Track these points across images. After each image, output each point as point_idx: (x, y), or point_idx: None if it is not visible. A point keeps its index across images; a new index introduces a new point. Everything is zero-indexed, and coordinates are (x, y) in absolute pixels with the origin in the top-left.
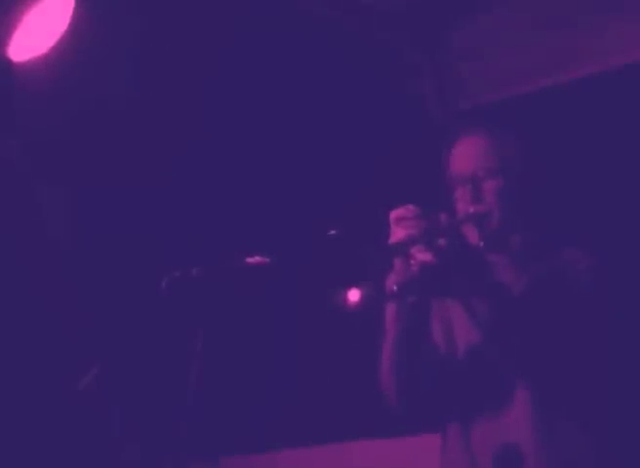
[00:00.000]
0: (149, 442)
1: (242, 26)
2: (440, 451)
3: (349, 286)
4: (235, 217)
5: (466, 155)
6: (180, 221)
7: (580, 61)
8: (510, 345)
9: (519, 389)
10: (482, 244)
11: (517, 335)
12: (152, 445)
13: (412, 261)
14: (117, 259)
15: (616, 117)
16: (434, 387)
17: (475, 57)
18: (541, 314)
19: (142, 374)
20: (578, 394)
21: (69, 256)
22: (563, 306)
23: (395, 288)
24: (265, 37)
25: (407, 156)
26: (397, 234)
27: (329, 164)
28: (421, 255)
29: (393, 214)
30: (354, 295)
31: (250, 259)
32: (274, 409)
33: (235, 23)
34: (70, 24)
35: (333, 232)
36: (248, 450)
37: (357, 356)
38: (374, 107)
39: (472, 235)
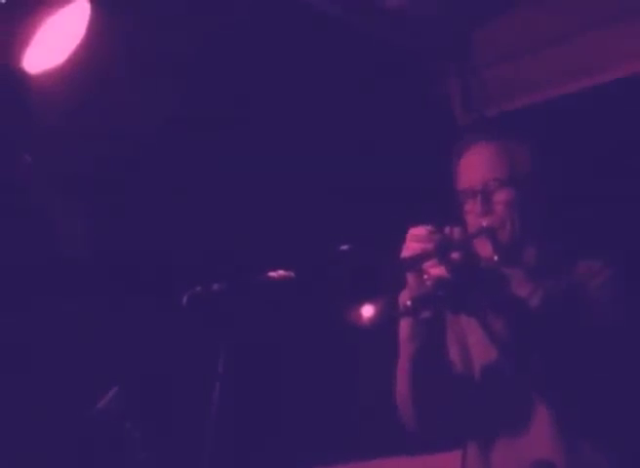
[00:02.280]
0: (169, 463)
1: (269, 39)
2: None
3: (362, 301)
4: (252, 232)
5: (476, 166)
6: (200, 236)
7: (605, 67)
8: (528, 361)
9: (538, 406)
10: (496, 258)
11: (534, 351)
12: (172, 466)
13: (425, 276)
14: (137, 275)
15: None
16: (451, 406)
17: (501, 62)
18: (558, 329)
19: (164, 393)
20: (597, 409)
21: (86, 272)
22: (580, 321)
23: (409, 303)
24: (294, 45)
25: (431, 165)
26: (410, 248)
27: (348, 173)
28: (435, 270)
29: (412, 231)
30: (368, 311)
31: (273, 274)
32: (295, 427)
33: (263, 36)
34: (86, 36)
35: (345, 247)
36: None
37: (373, 373)
38: (399, 115)
39: (486, 249)
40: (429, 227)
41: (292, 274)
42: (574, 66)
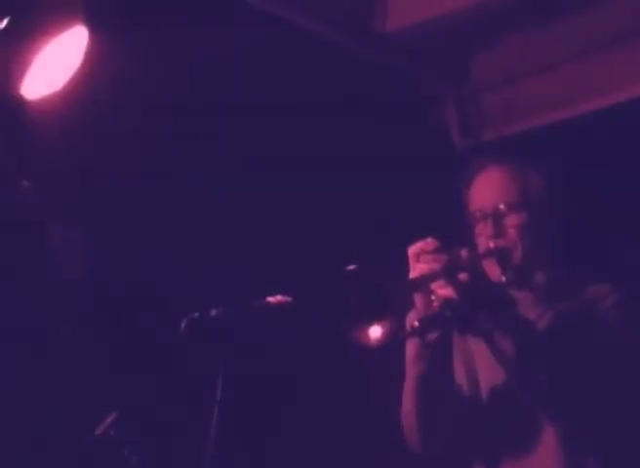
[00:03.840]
0: None
1: (263, 59)
2: None
3: (370, 322)
4: (254, 254)
5: (487, 189)
6: (197, 261)
7: (602, 91)
8: (535, 382)
9: (545, 426)
10: (504, 279)
11: (541, 372)
12: None
13: (432, 297)
14: (134, 302)
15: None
16: (456, 427)
17: (499, 87)
18: (567, 350)
19: (162, 420)
20: (605, 430)
21: (84, 298)
22: (588, 344)
23: (416, 324)
24: (291, 70)
25: (429, 188)
26: (417, 269)
27: (348, 196)
28: (442, 291)
29: (412, 249)
30: (375, 332)
31: (271, 299)
32: (295, 452)
33: (256, 57)
34: (84, 61)
35: (352, 267)
36: None
37: (378, 393)
38: (397, 139)
39: (494, 271)
40: (429, 240)
41: (290, 299)
42: (572, 91)
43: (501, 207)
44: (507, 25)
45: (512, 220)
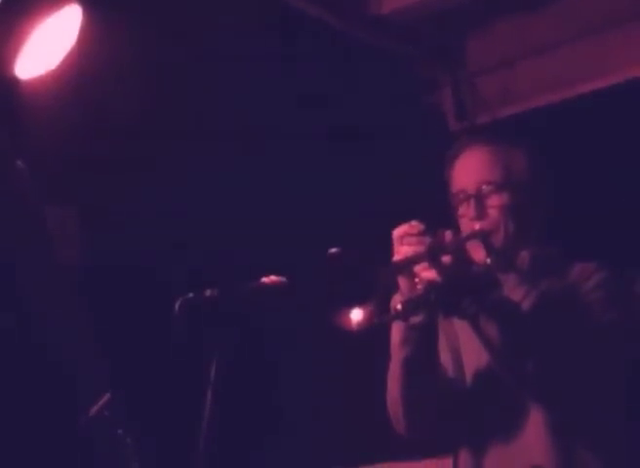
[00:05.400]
0: None
1: (254, 38)
2: None
3: (353, 306)
4: (243, 236)
5: (469, 170)
6: (192, 242)
7: (598, 72)
8: (521, 365)
9: (532, 409)
10: (488, 261)
11: (527, 354)
12: None
13: (416, 280)
14: (129, 280)
15: (633, 129)
16: (442, 411)
17: (494, 69)
18: (552, 331)
19: (156, 401)
20: (592, 412)
21: (80, 276)
22: (574, 322)
23: (400, 307)
24: (284, 52)
25: (424, 171)
26: (401, 252)
27: (340, 178)
28: (426, 273)
29: (396, 232)
30: (357, 315)
31: (265, 279)
32: (286, 434)
33: (250, 38)
34: (77, 41)
35: (334, 250)
36: None
37: (362, 378)
38: (392, 122)
39: (478, 252)
40: (414, 223)
41: (284, 279)
42: (568, 73)
43: (484, 187)
44: (503, 8)
45: (495, 201)
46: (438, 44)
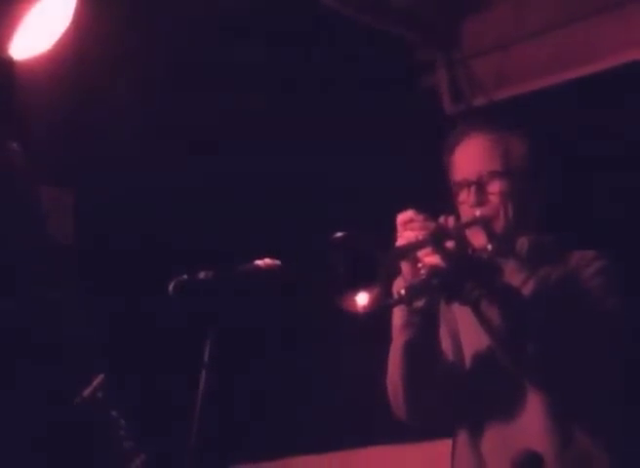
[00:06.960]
0: (156, 453)
1: (261, 27)
2: (451, 457)
3: (357, 290)
4: (242, 219)
5: (470, 157)
6: (189, 224)
7: (593, 56)
8: (520, 349)
9: (530, 394)
10: (490, 247)
11: (527, 339)
12: (158, 455)
13: (419, 265)
14: (123, 261)
15: (628, 112)
16: (442, 394)
17: (490, 52)
18: (551, 317)
19: (149, 381)
20: (590, 398)
21: (72, 256)
22: (573, 308)
23: (403, 292)
24: (284, 34)
25: (419, 154)
26: (404, 237)
27: (338, 162)
28: (429, 259)
29: (400, 217)
30: (362, 299)
31: (259, 262)
32: (286, 414)
33: (252, 23)
34: (72, 22)
35: (339, 234)
36: (259, 458)
37: (364, 361)
38: (388, 104)
39: (479, 238)
40: (417, 210)
41: (278, 262)
42: (563, 56)
43: (485, 174)
44: None
45: (495, 188)
46: (434, 26)
